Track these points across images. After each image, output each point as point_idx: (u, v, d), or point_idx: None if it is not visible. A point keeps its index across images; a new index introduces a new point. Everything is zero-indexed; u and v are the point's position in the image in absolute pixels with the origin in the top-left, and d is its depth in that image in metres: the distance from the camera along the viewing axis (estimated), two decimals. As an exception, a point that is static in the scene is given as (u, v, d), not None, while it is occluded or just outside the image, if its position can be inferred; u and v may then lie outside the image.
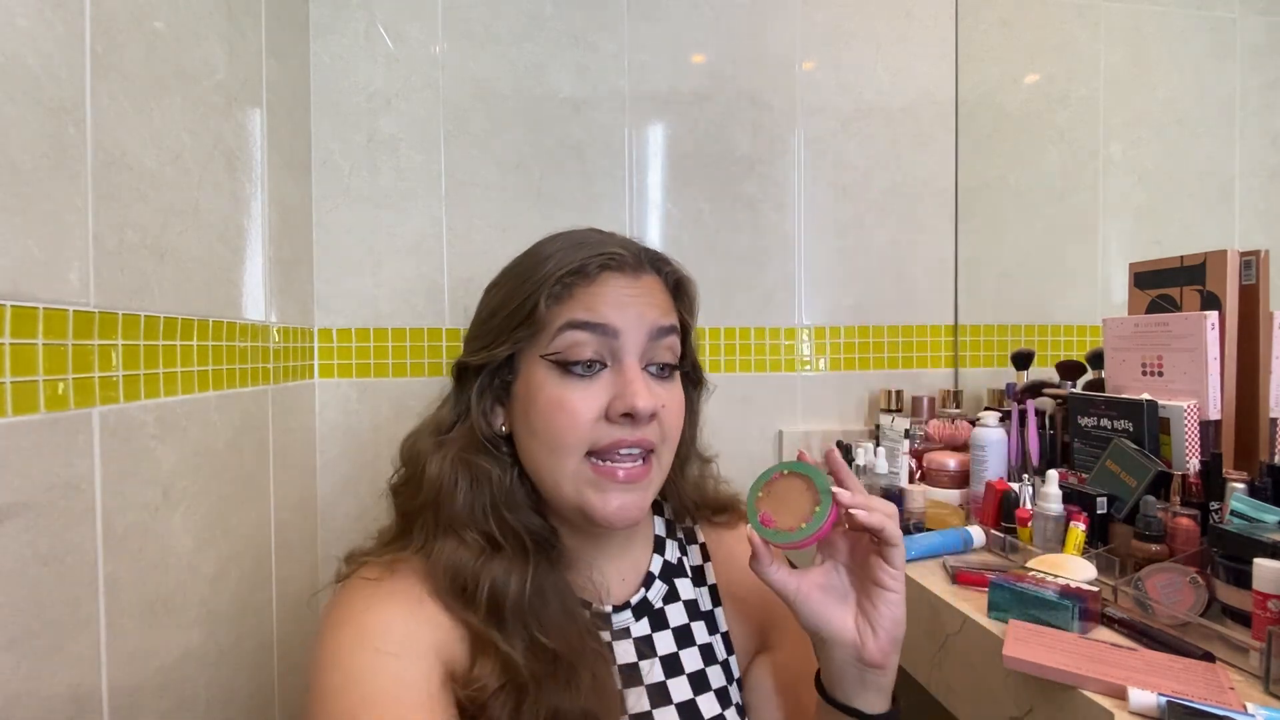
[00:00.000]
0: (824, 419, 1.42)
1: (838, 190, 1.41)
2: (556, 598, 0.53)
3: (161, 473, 0.73)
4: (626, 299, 0.54)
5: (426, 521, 0.54)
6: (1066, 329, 1.46)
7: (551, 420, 0.52)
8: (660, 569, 0.62)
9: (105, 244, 0.65)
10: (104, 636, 0.63)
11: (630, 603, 0.59)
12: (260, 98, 0.99)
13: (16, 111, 0.55)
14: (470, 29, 1.27)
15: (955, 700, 0.73)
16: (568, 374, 0.52)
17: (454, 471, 0.54)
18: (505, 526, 0.53)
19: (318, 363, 1.22)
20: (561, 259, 0.54)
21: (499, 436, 0.57)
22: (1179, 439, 0.85)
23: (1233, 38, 1.47)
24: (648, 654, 0.57)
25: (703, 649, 0.60)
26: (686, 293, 0.61)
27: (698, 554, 0.65)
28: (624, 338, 0.53)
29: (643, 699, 0.55)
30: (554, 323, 0.53)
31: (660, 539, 0.64)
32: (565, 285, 0.53)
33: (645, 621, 0.59)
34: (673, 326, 0.56)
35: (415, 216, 1.26)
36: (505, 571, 0.51)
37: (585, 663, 0.50)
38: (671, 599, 0.61)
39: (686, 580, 0.63)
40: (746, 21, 1.37)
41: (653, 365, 0.55)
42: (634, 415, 0.51)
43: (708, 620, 0.62)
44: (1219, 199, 1.47)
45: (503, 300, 0.56)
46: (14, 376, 0.54)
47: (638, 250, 0.57)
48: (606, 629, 0.57)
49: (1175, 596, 0.64)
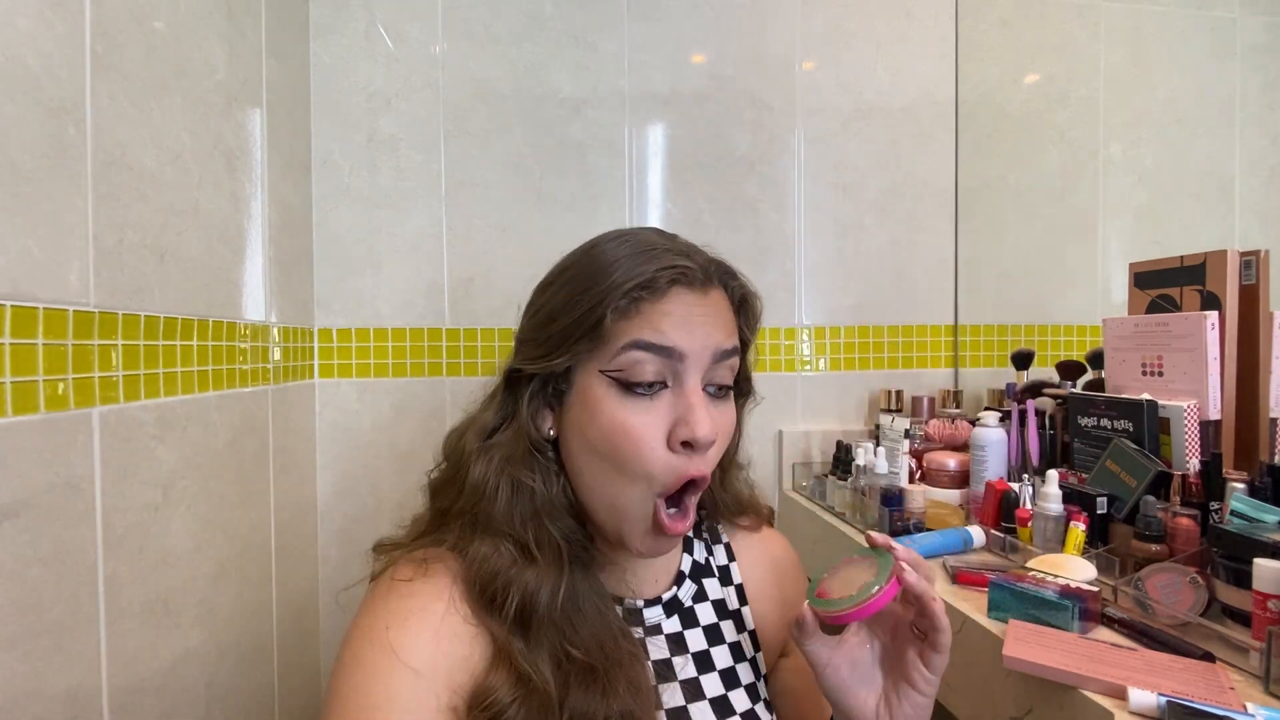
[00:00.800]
0: (824, 419, 1.42)
1: (838, 190, 1.41)
2: (590, 602, 0.53)
3: (161, 473, 0.73)
4: (694, 318, 0.52)
5: (464, 522, 0.54)
6: (1066, 329, 1.46)
7: (616, 444, 0.51)
8: (690, 568, 0.63)
9: (105, 244, 0.65)
10: (104, 636, 0.63)
11: (662, 599, 0.60)
12: (260, 98, 0.99)
13: (16, 111, 0.55)
14: (470, 29, 1.27)
15: (955, 700, 0.73)
16: (628, 393, 0.51)
17: (497, 479, 0.53)
18: (543, 535, 0.53)
19: (318, 363, 1.22)
20: (629, 269, 0.52)
21: (545, 441, 0.56)
22: (1179, 439, 0.85)
23: (1233, 38, 1.47)
24: (679, 651, 0.58)
25: (732, 646, 0.61)
26: (751, 308, 0.60)
27: (723, 554, 0.66)
28: (689, 361, 0.51)
29: (677, 694, 0.55)
30: (618, 339, 0.51)
31: (688, 539, 0.65)
32: (633, 300, 0.51)
33: (676, 619, 0.60)
34: (735, 349, 0.55)
35: (415, 216, 1.26)
36: (537, 581, 0.50)
37: (621, 667, 0.50)
38: (700, 598, 0.62)
39: (714, 580, 0.64)
40: (746, 21, 1.36)
41: (711, 385, 0.54)
42: (695, 445, 0.51)
43: (735, 619, 0.63)
44: (1219, 199, 1.47)
45: (562, 306, 0.54)
46: (14, 376, 0.54)
47: (705, 262, 0.55)
48: (639, 625, 0.57)
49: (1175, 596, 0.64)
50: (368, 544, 0.59)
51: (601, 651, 0.50)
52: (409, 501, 0.62)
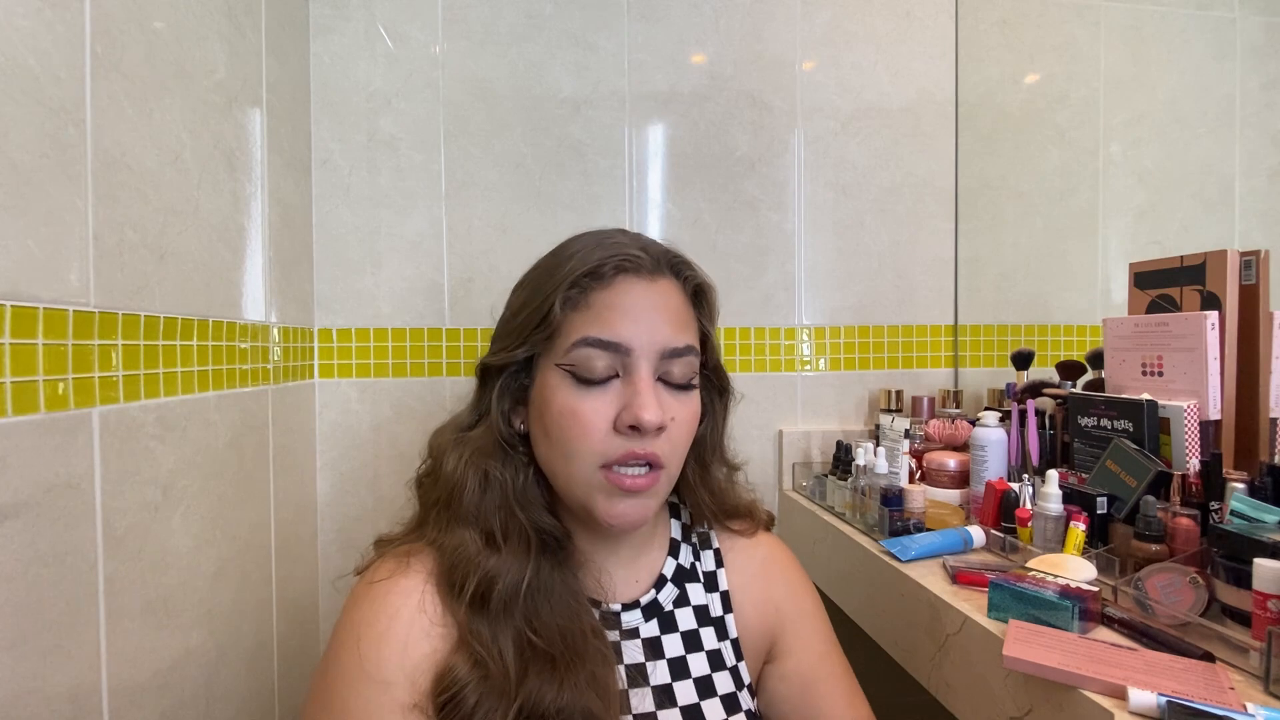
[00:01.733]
0: (824, 419, 1.42)
1: (838, 190, 1.41)
2: (560, 596, 0.53)
3: (161, 473, 0.73)
4: (640, 308, 0.54)
5: (440, 514, 0.56)
6: (1066, 329, 1.46)
7: (565, 429, 0.53)
8: (673, 572, 0.62)
9: (105, 244, 0.65)
10: (104, 636, 0.63)
11: (640, 602, 0.59)
12: (260, 98, 0.99)
13: (16, 111, 0.55)
14: (470, 29, 1.27)
15: (955, 700, 0.73)
16: (581, 384, 0.53)
17: (466, 470, 0.55)
18: (511, 524, 0.54)
19: (318, 363, 1.22)
20: (581, 259, 0.54)
21: (517, 436, 0.58)
22: (1179, 439, 0.85)
23: (1233, 38, 1.47)
24: (654, 656, 0.58)
25: (710, 655, 0.60)
26: (706, 299, 0.61)
27: (711, 559, 0.66)
28: (636, 354, 0.53)
29: (647, 699, 0.55)
30: (569, 334, 0.54)
31: (675, 542, 0.65)
32: (581, 289, 0.54)
33: (655, 623, 0.59)
34: (689, 347, 0.56)
35: (415, 216, 1.26)
36: (499, 568, 0.52)
37: (585, 661, 0.50)
38: (682, 603, 0.61)
39: (698, 585, 0.63)
40: (746, 21, 1.37)
41: (667, 378, 0.55)
42: (640, 428, 0.52)
43: (718, 626, 0.62)
44: (1219, 199, 1.47)
45: (524, 301, 0.57)
46: (14, 376, 0.54)
47: (658, 253, 0.57)
48: (615, 628, 0.57)
49: (1175, 596, 0.64)
50: (367, 544, 0.60)
51: (564, 642, 0.51)
52: (409, 501, 0.62)
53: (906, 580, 0.81)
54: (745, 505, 0.68)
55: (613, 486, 0.53)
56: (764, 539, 0.69)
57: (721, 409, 0.65)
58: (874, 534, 0.98)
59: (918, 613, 0.78)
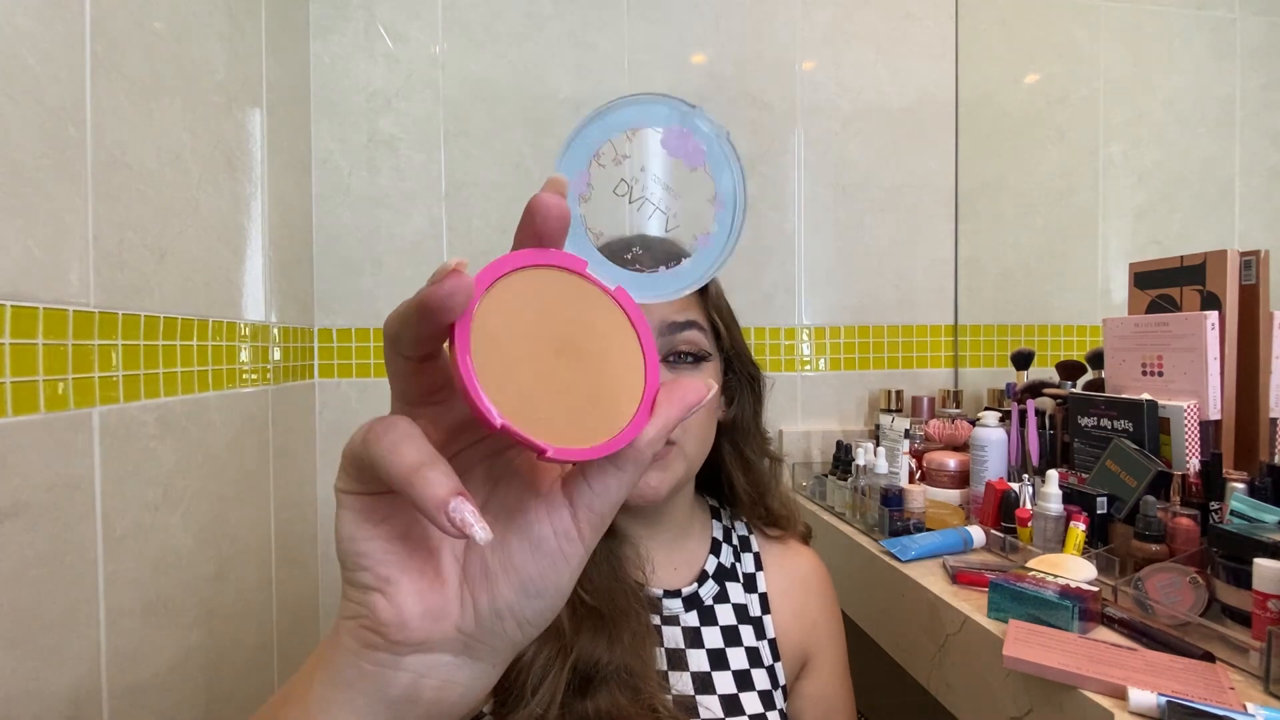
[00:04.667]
0: (824, 419, 1.42)
1: (838, 190, 1.41)
2: (606, 563, 0.55)
3: (161, 473, 0.73)
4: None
5: None
6: (1066, 329, 1.46)
7: None
8: (715, 570, 0.63)
9: (105, 244, 0.65)
10: (104, 636, 0.63)
11: (681, 593, 0.60)
12: (260, 98, 0.99)
13: (16, 111, 0.55)
14: (470, 29, 1.27)
15: (955, 700, 0.73)
16: None
17: None
18: None
19: (318, 363, 1.22)
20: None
21: None
22: (1179, 439, 0.84)
23: (1233, 38, 1.47)
24: (694, 645, 0.59)
25: (749, 651, 0.61)
26: (708, 289, 0.62)
27: (751, 562, 0.67)
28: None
29: (687, 683, 0.56)
30: None
31: (717, 542, 0.66)
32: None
33: (694, 614, 0.60)
34: (690, 322, 0.57)
35: (415, 216, 1.26)
36: None
37: (628, 624, 0.52)
38: (722, 600, 0.62)
39: (738, 585, 0.64)
40: (746, 21, 1.36)
41: (673, 355, 0.56)
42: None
43: (756, 626, 0.63)
44: (1219, 199, 1.47)
45: None
46: (14, 376, 0.54)
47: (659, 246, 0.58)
48: (657, 612, 0.58)
49: (1175, 596, 0.64)
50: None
51: (611, 601, 0.52)
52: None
53: (906, 580, 0.81)
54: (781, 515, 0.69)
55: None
56: (806, 553, 0.70)
57: (752, 397, 0.66)
58: (874, 534, 0.98)
59: (918, 613, 0.78)
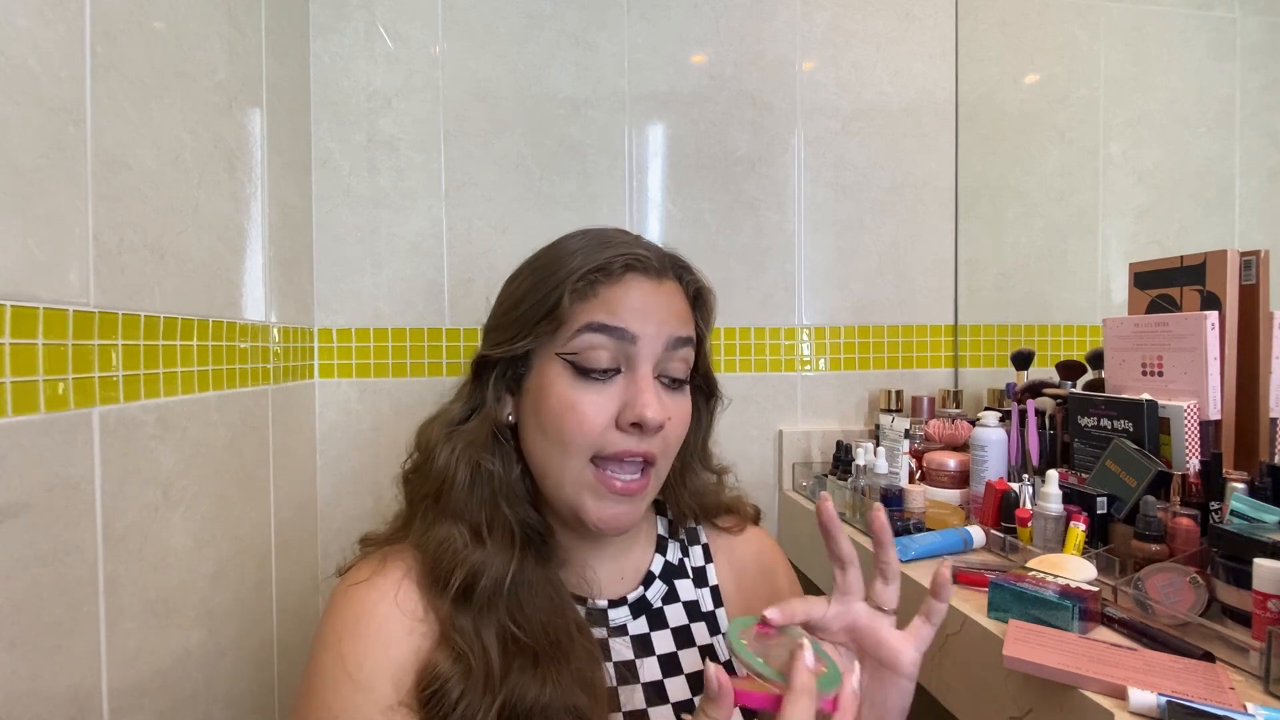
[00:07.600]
0: (824, 419, 1.42)
1: (837, 190, 1.41)
2: (544, 591, 0.53)
3: (161, 473, 0.73)
4: (648, 304, 0.54)
5: (427, 510, 0.55)
6: (1066, 329, 1.46)
7: (562, 421, 0.52)
8: (661, 569, 0.62)
9: (105, 244, 0.65)
10: (104, 636, 0.63)
11: (628, 599, 0.59)
12: (260, 98, 0.99)
13: (16, 111, 0.55)
14: (470, 29, 1.27)
15: (955, 700, 0.73)
16: (582, 377, 0.53)
17: (458, 463, 0.55)
18: (496, 519, 0.54)
19: (318, 363, 1.22)
20: (587, 256, 0.54)
21: (506, 426, 0.58)
22: (1179, 439, 0.84)
23: (1233, 38, 1.47)
24: (644, 653, 0.57)
25: (703, 649, 0.60)
26: (705, 303, 0.61)
27: (700, 554, 0.65)
28: (641, 345, 0.53)
29: (638, 696, 0.55)
30: (574, 321, 0.53)
31: (663, 539, 0.65)
32: (589, 282, 0.53)
33: (643, 620, 0.59)
34: (689, 338, 0.57)
35: (415, 216, 1.26)
36: (484, 562, 0.51)
37: (570, 658, 0.50)
38: (671, 599, 0.61)
39: (688, 581, 0.63)
40: (746, 21, 1.36)
41: (665, 376, 0.55)
42: (643, 426, 0.52)
43: (709, 621, 0.62)
44: (1219, 199, 1.46)
45: (525, 293, 0.56)
46: (14, 376, 0.54)
47: (661, 255, 0.58)
48: (602, 625, 0.57)
49: (1175, 596, 0.64)
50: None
51: (547, 639, 0.51)
52: (398, 498, 0.62)
53: (906, 580, 0.81)
54: (730, 502, 0.68)
55: (603, 488, 0.53)
56: (754, 534, 0.69)
57: (707, 413, 0.65)
58: (874, 534, 0.98)
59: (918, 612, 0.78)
